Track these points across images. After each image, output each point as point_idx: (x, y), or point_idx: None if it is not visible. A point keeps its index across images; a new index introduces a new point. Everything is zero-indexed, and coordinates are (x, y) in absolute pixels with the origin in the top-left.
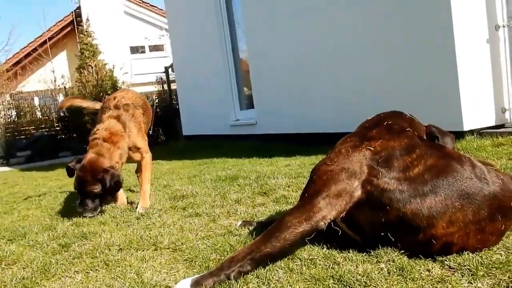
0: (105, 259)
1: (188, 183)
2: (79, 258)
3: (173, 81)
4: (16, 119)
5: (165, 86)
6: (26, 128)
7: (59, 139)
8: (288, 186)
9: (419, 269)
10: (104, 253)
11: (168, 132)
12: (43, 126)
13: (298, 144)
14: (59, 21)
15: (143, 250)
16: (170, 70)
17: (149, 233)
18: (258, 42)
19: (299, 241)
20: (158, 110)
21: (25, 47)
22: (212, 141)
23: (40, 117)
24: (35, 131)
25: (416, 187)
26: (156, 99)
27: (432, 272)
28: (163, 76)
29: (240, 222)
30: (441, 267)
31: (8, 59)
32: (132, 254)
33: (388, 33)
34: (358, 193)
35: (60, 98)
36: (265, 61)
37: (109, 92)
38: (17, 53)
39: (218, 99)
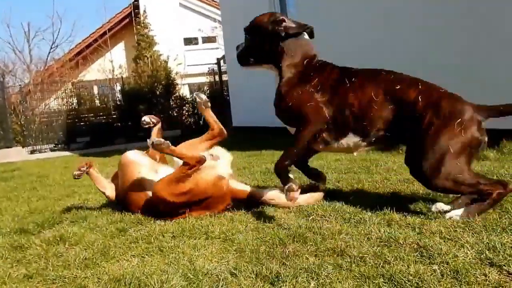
0: (159, 245)
1: (237, 175)
2: (135, 242)
3: (225, 72)
4: (76, 107)
5: (217, 77)
6: (86, 115)
7: (115, 126)
8: (339, 181)
9: (475, 273)
10: (158, 240)
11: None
12: (101, 113)
13: None
14: (118, 13)
15: (195, 239)
16: (222, 61)
17: (201, 223)
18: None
19: None
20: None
21: (86, 38)
22: (261, 133)
23: (99, 105)
24: (93, 118)
25: None
26: (207, 89)
27: (489, 277)
28: (215, 67)
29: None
30: (499, 272)
31: (71, 49)
32: (185, 241)
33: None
34: None
35: (118, 87)
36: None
37: (163, 82)
38: (79, 43)
39: (269, 91)
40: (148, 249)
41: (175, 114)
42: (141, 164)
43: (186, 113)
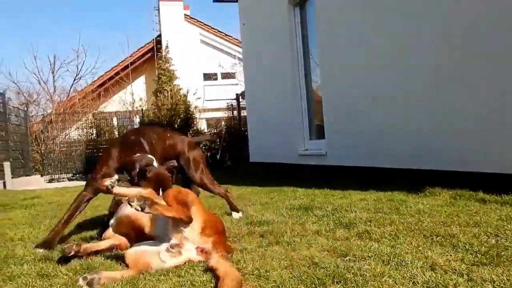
0: (190, 279)
1: (262, 210)
2: (165, 275)
3: (243, 108)
4: (96, 137)
5: (235, 113)
6: (104, 145)
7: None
8: (370, 221)
9: None
10: (189, 273)
11: (235, 158)
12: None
13: (370, 178)
14: (141, 48)
15: None
16: (241, 97)
17: (232, 257)
18: (332, 74)
19: None
20: (227, 136)
21: (109, 71)
22: (279, 169)
23: (117, 136)
24: None
25: None
26: (225, 125)
27: None
28: (234, 102)
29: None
30: None
31: (94, 81)
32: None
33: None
34: None
35: (137, 119)
36: (337, 92)
37: (182, 116)
38: (102, 76)
39: (288, 128)
40: (180, 283)
41: None
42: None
43: (204, 147)
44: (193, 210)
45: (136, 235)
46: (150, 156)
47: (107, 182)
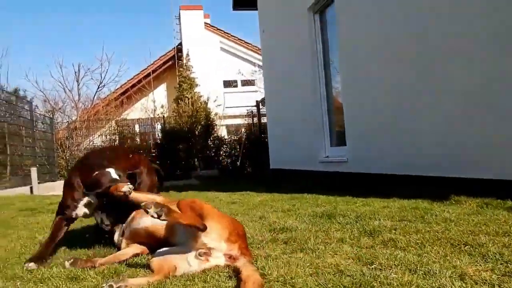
0: (216, 284)
1: (284, 217)
2: (191, 281)
3: (263, 115)
4: (118, 144)
5: (255, 120)
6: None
7: (156, 164)
8: (394, 229)
9: None
10: (214, 279)
11: (255, 165)
12: (141, 151)
13: (392, 185)
14: (162, 56)
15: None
16: (260, 104)
17: (256, 263)
18: (353, 80)
19: None
20: (246, 142)
21: (131, 79)
22: (300, 176)
23: (139, 143)
24: None
25: None
26: (245, 132)
27: None
28: (254, 109)
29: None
30: None
31: (116, 89)
32: None
33: None
34: None
35: (158, 126)
36: (359, 99)
37: (202, 122)
38: (124, 83)
39: (308, 135)
40: None
41: (212, 154)
42: None
43: (224, 154)
44: (214, 223)
45: (155, 245)
46: (109, 170)
47: (125, 188)
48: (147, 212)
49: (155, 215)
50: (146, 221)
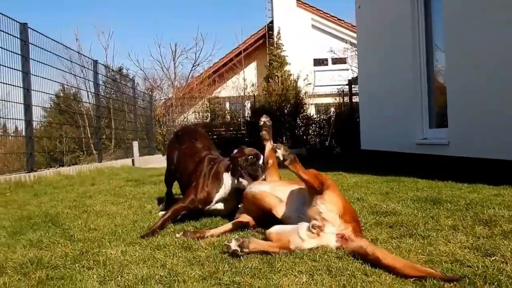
0: (326, 264)
1: (384, 200)
2: (300, 258)
3: (355, 94)
4: (210, 121)
5: (346, 99)
6: (218, 129)
7: (244, 141)
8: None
9: None
10: (323, 259)
11: (345, 145)
12: (231, 128)
13: (501, 172)
14: (253, 34)
15: (362, 263)
16: (353, 83)
17: None
18: (458, 61)
19: None
20: (337, 122)
21: (223, 58)
22: (393, 158)
23: (229, 120)
24: (224, 132)
25: None
26: (335, 111)
27: None
28: (345, 88)
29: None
30: None
31: (209, 68)
32: (353, 263)
33: None
34: None
35: (248, 104)
36: (464, 80)
37: (292, 101)
38: (216, 62)
39: (404, 115)
40: (316, 267)
41: (301, 133)
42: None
43: (312, 133)
44: (333, 194)
45: (260, 215)
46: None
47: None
48: (275, 152)
49: (281, 157)
50: (254, 188)
